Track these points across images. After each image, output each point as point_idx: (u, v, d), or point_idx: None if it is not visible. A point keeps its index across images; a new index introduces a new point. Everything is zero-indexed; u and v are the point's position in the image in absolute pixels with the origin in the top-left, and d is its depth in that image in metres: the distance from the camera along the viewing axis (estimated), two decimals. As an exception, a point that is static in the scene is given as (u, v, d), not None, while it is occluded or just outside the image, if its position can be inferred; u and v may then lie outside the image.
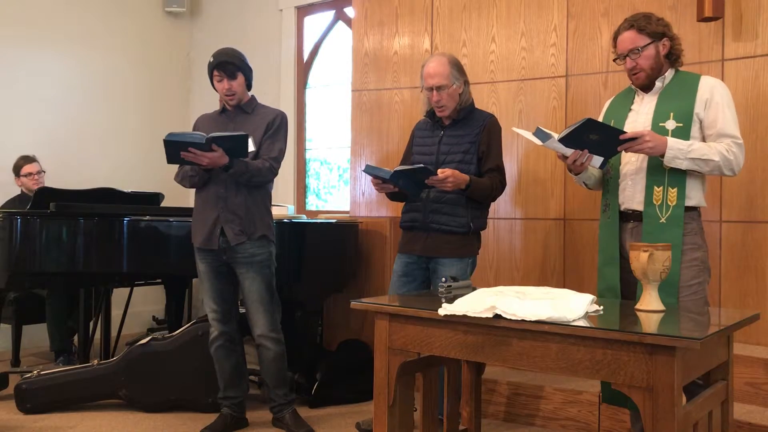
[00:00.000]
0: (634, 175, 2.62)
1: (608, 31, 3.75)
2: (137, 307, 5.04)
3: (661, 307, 2.15)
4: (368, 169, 3.02)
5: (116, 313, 4.51)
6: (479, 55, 4.13)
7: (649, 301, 2.15)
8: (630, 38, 2.61)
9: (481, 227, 3.18)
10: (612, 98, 2.87)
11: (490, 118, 3.17)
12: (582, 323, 1.93)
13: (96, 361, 3.69)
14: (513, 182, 3.99)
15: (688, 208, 2.56)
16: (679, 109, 2.56)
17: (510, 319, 1.98)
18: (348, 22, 5.37)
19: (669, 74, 2.64)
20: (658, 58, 2.61)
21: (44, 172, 4.81)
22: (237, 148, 3.05)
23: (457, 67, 3.14)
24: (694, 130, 2.56)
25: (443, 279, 2.44)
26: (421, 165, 2.97)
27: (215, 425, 3.30)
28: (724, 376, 2.18)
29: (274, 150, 3.25)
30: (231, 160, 3.05)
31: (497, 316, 2.00)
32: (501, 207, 4.01)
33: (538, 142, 2.57)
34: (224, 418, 3.34)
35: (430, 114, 3.22)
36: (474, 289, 2.46)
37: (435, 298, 2.32)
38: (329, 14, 5.66)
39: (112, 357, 3.82)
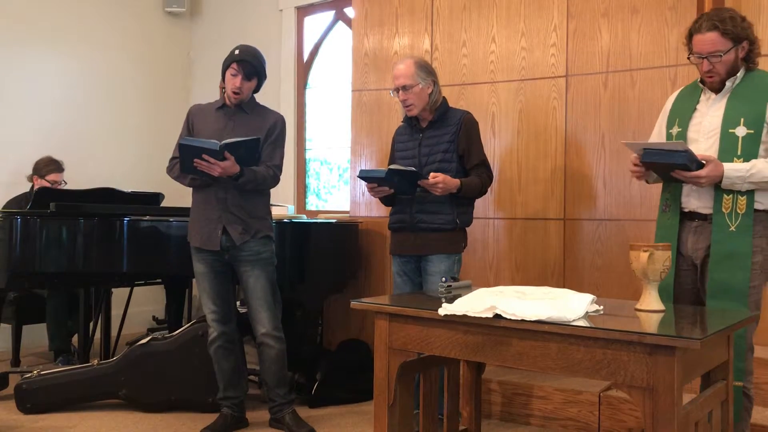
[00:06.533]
0: None
1: (608, 31, 3.76)
2: (137, 307, 5.03)
3: (661, 307, 2.15)
4: (362, 173, 3.10)
5: (116, 313, 4.51)
6: (479, 55, 4.13)
7: (649, 301, 2.15)
8: (712, 41, 2.43)
9: (467, 223, 3.22)
10: (677, 92, 2.71)
11: (464, 116, 3.21)
12: (582, 323, 1.93)
13: (96, 361, 3.69)
14: (513, 182, 3.99)
15: (757, 212, 2.45)
16: (750, 114, 2.42)
17: (510, 319, 1.98)
18: (348, 22, 5.37)
19: (740, 74, 2.49)
20: (735, 62, 2.47)
21: (66, 183, 4.69)
22: (248, 153, 3.04)
23: (424, 68, 3.19)
24: (766, 135, 2.42)
25: (443, 279, 2.44)
26: (413, 168, 3.03)
27: (215, 425, 3.29)
28: (724, 376, 2.17)
29: (275, 157, 3.25)
30: (241, 169, 3.05)
31: (497, 316, 2.01)
32: (501, 207, 4.01)
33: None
34: (224, 418, 3.33)
35: (407, 119, 3.27)
36: (474, 288, 2.46)
37: (435, 298, 2.32)
38: (329, 14, 5.66)
39: (112, 357, 3.82)
